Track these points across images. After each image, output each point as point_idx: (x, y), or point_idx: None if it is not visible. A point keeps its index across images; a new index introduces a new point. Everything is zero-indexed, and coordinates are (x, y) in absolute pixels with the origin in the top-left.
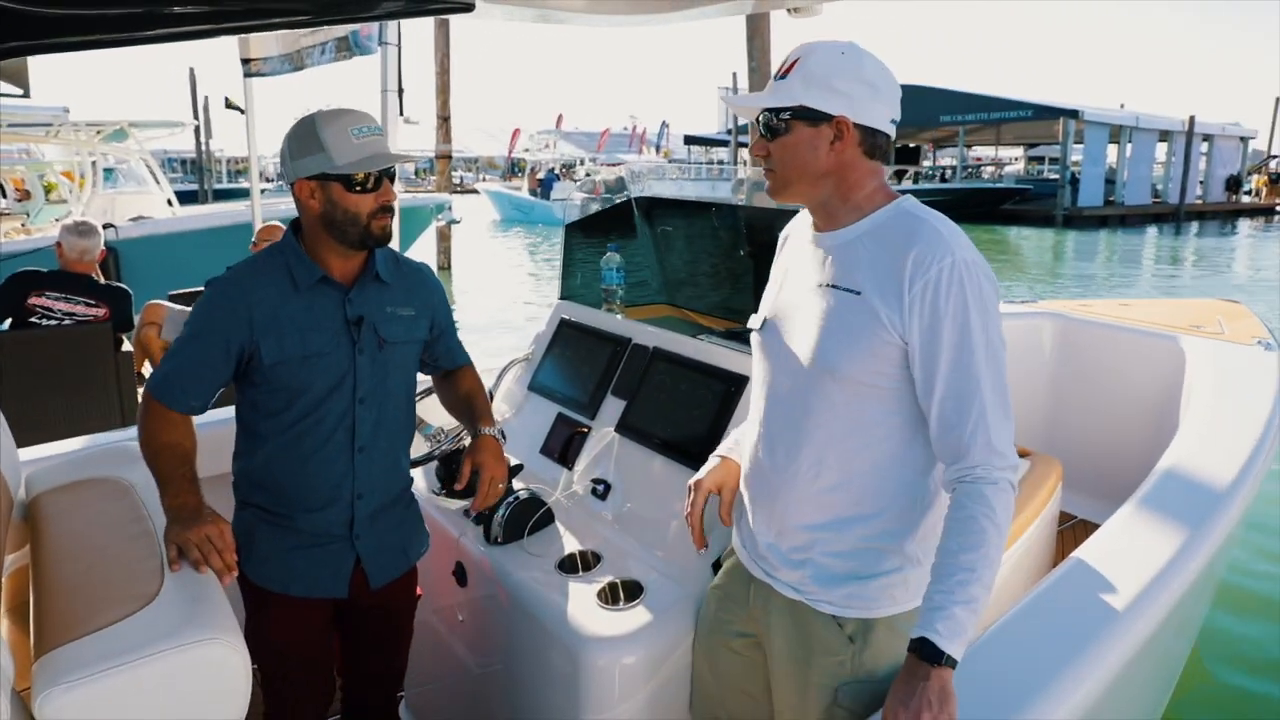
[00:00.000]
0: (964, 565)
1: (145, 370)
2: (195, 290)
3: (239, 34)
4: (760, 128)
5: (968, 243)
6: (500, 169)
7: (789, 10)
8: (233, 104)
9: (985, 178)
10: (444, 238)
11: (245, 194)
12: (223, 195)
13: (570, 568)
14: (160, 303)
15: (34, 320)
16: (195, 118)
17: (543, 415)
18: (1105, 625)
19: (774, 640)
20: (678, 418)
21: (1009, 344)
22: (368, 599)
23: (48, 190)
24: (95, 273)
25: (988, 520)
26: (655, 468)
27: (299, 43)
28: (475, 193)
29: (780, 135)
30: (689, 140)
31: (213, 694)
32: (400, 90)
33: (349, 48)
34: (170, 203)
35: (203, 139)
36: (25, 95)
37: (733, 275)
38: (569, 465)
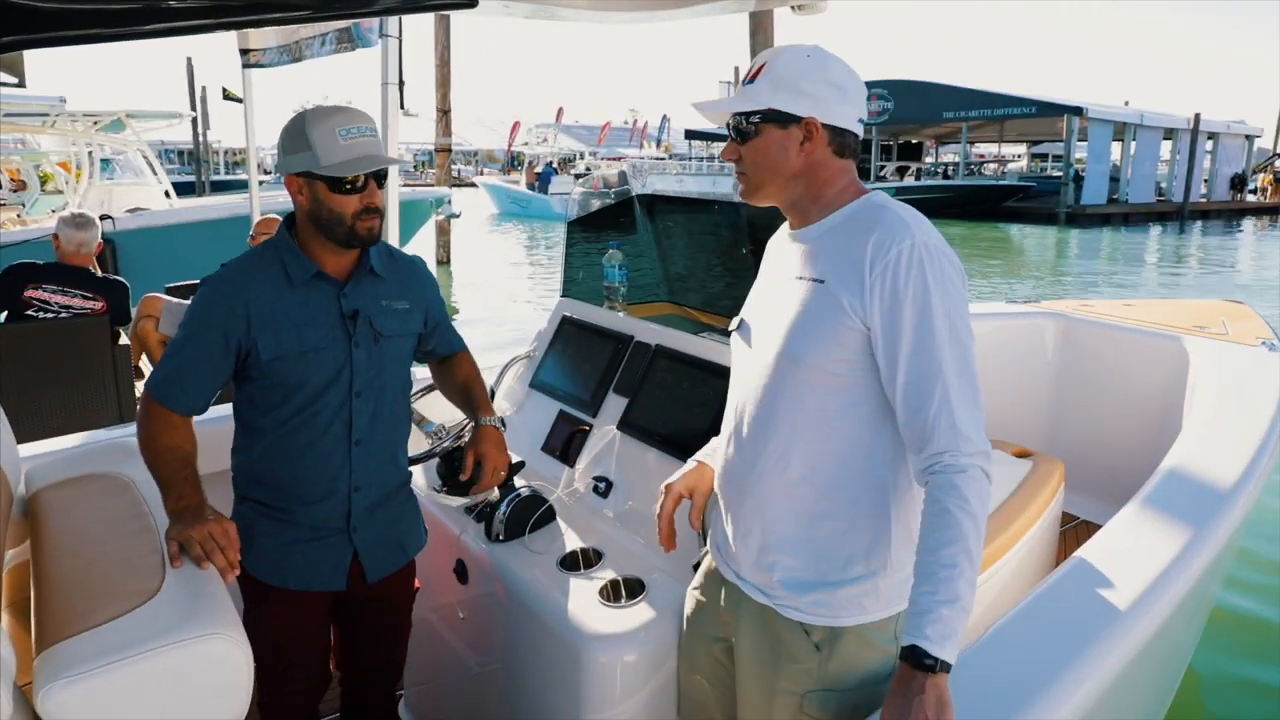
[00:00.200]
0: (944, 561)
1: (143, 363)
2: (193, 283)
3: (239, 29)
4: (731, 132)
5: (931, 228)
6: (500, 162)
7: (793, 7)
8: (231, 95)
9: (988, 175)
10: (443, 232)
11: (243, 186)
12: (220, 187)
13: (572, 565)
14: (158, 296)
15: (31, 313)
16: (193, 109)
17: (544, 413)
18: (1107, 626)
19: (742, 643)
20: (679, 415)
21: (1011, 344)
22: (365, 592)
23: (43, 181)
24: (92, 265)
25: (962, 512)
26: (657, 465)
27: (298, 34)
28: (473, 186)
29: (751, 138)
30: (690, 135)
31: (215, 689)
32: (401, 83)
33: (349, 40)
34: (168, 194)
35: (200, 130)
36: (20, 85)
37: (735, 273)
38: (570, 463)
